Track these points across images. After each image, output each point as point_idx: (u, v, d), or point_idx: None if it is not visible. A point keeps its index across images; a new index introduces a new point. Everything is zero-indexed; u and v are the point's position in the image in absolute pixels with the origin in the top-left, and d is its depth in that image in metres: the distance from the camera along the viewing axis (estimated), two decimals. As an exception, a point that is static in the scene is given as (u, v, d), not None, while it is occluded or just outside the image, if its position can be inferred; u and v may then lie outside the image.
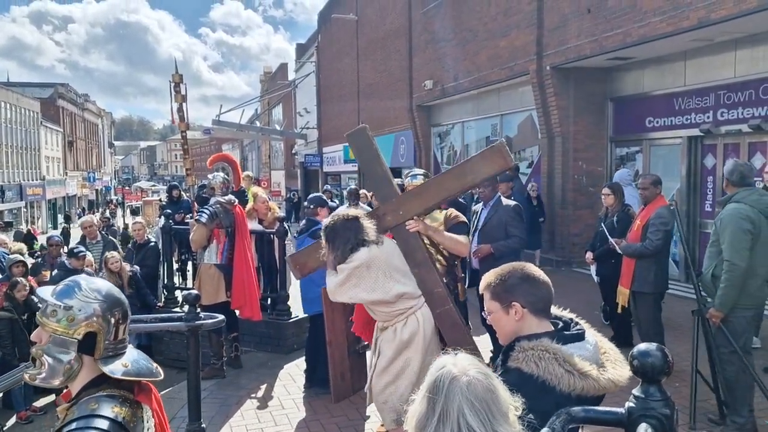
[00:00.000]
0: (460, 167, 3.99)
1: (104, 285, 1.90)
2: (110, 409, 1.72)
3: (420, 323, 3.69)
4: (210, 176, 6.70)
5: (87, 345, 1.79)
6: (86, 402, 1.73)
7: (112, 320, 1.82)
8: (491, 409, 1.46)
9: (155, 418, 1.88)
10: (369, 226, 3.70)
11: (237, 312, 6.41)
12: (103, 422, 1.68)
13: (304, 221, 6.13)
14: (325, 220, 3.88)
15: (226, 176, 6.79)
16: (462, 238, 4.41)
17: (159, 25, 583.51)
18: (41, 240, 22.33)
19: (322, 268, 3.94)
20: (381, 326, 3.91)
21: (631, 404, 1.71)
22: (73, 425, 1.68)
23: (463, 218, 4.69)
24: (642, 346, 1.75)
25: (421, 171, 5.07)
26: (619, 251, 5.86)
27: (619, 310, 5.98)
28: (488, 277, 2.09)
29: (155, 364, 1.92)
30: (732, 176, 4.56)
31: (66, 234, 25.65)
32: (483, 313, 2.14)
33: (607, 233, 6.28)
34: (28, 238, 23.56)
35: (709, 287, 4.61)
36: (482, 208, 6.17)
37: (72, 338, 1.76)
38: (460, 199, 8.10)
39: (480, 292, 2.16)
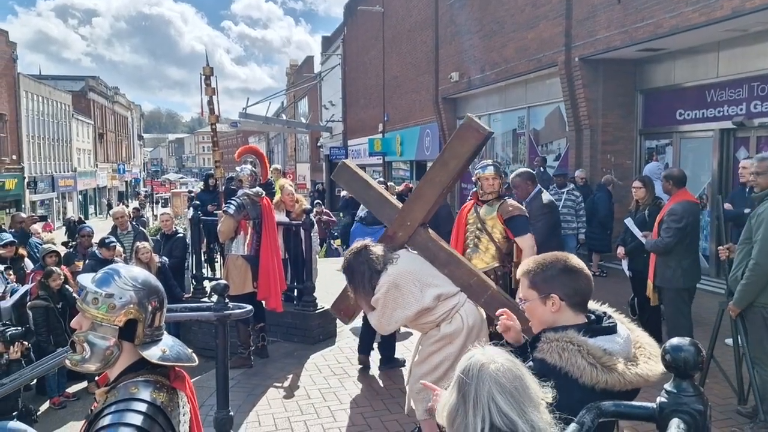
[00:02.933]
0: (441, 156, 3.98)
1: (141, 273, 1.94)
2: (149, 394, 1.77)
3: (464, 320, 3.69)
4: (238, 168, 6.76)
5: (127, 331, 1.84)
6: (126, 386, 1.78)
7: (150, 307, 1.87)
8: (521, 394, 1.47)
9: (189, 405, 1.93)
10: (378, 251, 3.77)
11: (263, 303, 6.48)
12: (143, 405, 1.73)
13: (366, 211, 6.24)
14: (342, 264, 3.94)
15: (253, 168, 6.84)
16: (524, 243, 4.48)
17: (182, 18, 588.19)
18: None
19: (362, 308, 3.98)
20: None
21: (663, 399, 1.69)
22: (114, 407, 1.73)
23: (520, 211, 4.67)
24: (674, 340, 1.73)
25: (490, 161, 4.98)
26: (645, 245, 5.87)
27: (652, 303, 5.95)
28: (528, 264, 2.08)
29: (190, 350, 1.96)
30: None
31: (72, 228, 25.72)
32: (518, 299, 2.13)
33: (630, 225, 6.28)
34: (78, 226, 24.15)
35: (735, 287, 4.52)
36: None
37: (113, 325, 1.82)
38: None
39: (517, 277, 2.15)
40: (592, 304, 2.10)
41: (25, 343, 6.38)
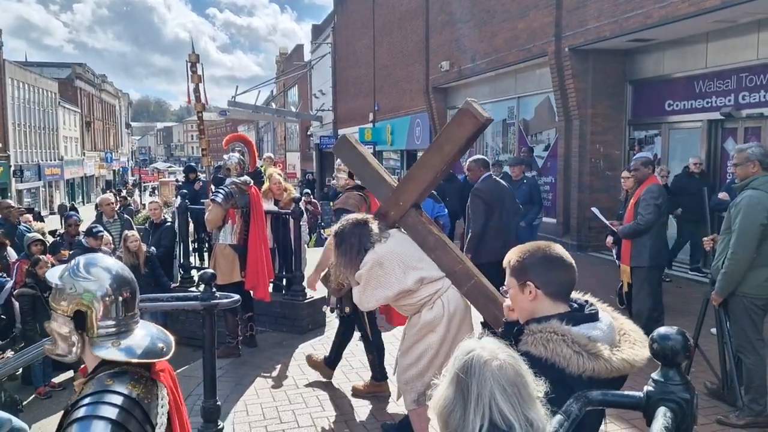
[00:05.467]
0: (437, 140, 3.97)
1: (102, 263, 1.89)
2: (125, 386, 1.74)
3: (445, 306, 3.68)
4: (225, 157, 6.70)
5: (80, 323, 1.81)
6: (102, 378, 1.76)
7: (106, 299, 1.82)
8: (521, 393, 1.44)
9: (170, 396, 1.89)
10: (374, 227, 3.79)
11: (252, 292, 6.45)
12: (118, 398, 1.70)
13: None
14: (335, 226, 3.95)
15: (241, 157, 6.78)
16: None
17: (165, 4, 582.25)
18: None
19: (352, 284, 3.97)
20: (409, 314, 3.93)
21: (650, 388, 1.69)
22: (88, 399, 1.70)
23: (338, 205, 5.22)
24: (662, 329, 1.73)
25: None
26: (618, 233, 6.01)
27: (626, 288, 6.09)
28: (511, 254, 2.11)
29: (162, 345, 1.89)
30: (766, 159, 4.45)
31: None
32: (501, 288, 2.15)
33: (598, 214, 6.44)
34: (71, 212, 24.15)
35: (717, 276, 4.58)
36: None
37: (66, 315, 1.80)
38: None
39: (503, 267, 2.18)
40: (573, 294, 2.11)
41: None
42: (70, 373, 7.04)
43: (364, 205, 5.09)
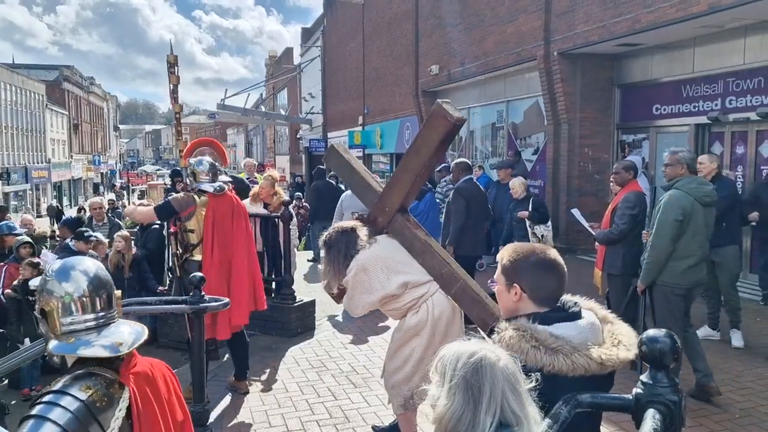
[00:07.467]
0: (414, 143, 4.00)
1: (67, 263, 1.91)
2: (80, 389, 1.73)
3: (429, 310, 3.68)
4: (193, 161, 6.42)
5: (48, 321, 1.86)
6: (64, 378, 1.77)
7: (66, 298, 1.84)
8: (521, 389, 1.48)
9: (134, 399, 1.85)
10: (362, 235, 3.85)
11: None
12: (73, 403, 1.69)
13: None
14: (324, 235, 4.01)
15: (212, 160, 6.63)
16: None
17: (150, 6, 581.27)
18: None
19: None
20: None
21: (639, 390, 1.70)
22: (47, 398, 1.71)
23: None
24: (651, 332, 1.75)
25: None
26: (595, 239, 6.10)
27: (600, 293, 6.17)
28: (505, 251, 2.10)
29: (120, 341, 1.85)
30: (693, 163, 4.88)
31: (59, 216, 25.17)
32: (489, 281, 2.18)
33: (578, 215, 6.52)
34: (59, 213, 24.19)
35: None
36: None
37: (38, 315, 1.87)
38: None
39: (496, 260, 2.19)
40: (566, 296, 2.11)
41: None
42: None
43: (193, 206, 5.25)
